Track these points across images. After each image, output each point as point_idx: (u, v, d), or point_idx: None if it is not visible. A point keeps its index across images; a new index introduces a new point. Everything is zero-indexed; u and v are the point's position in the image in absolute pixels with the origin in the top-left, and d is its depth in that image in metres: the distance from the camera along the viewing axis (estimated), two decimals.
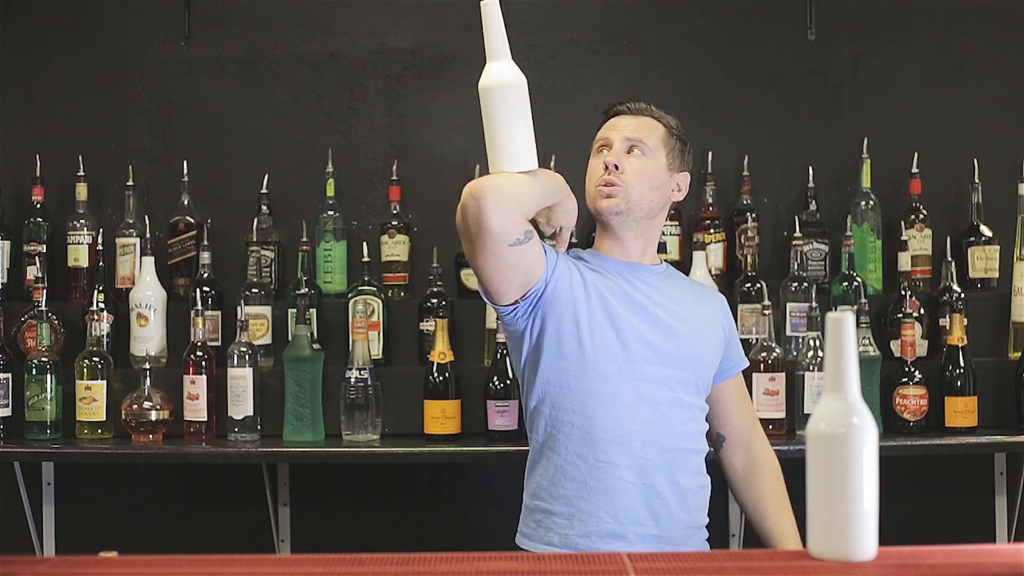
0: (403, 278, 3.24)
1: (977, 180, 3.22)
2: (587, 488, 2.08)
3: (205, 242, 3.19)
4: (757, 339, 3.00)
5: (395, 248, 3.23)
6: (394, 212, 3.26)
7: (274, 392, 3.01)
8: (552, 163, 3.19)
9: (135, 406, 2.97)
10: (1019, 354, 3.05)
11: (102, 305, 3.10)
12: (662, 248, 3.13)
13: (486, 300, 2.14)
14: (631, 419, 2.10)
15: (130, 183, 3.27)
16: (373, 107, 3.39)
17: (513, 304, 2.11)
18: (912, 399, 2.95)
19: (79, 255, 3.24)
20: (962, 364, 2.97)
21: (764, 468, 2.31)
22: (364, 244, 3.17)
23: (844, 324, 1.36)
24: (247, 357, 2.98)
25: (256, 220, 3.21)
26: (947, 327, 3.02)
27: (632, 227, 2.22)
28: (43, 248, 3.22)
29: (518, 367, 2.22)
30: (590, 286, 2.15)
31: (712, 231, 3.21)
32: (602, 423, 2.10)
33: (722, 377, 2.30)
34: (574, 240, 2.92)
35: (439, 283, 3.11)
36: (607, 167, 2.18)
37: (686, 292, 2.29)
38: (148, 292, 3.13)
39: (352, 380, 2.92)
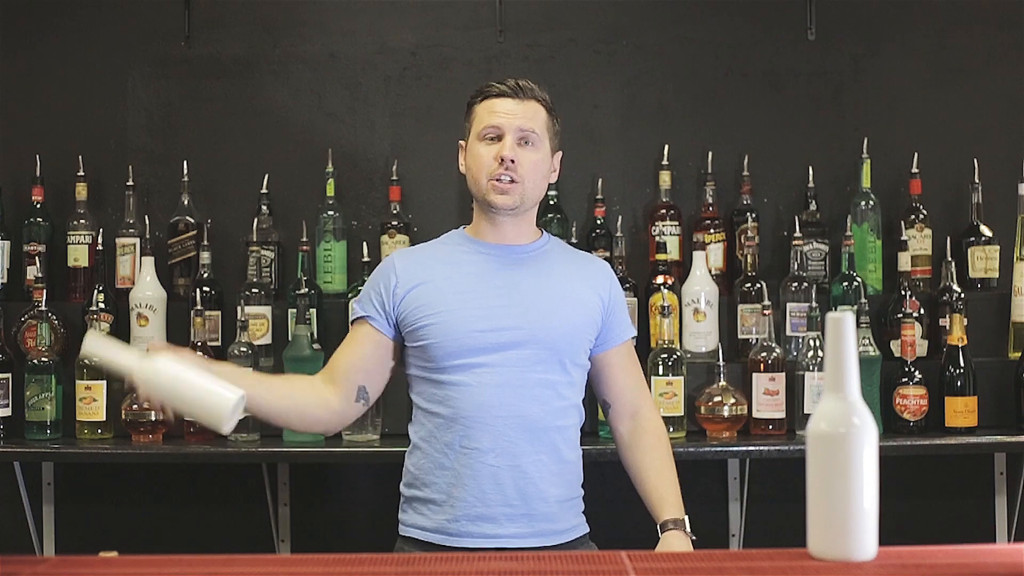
0: None
1: (977, 180, 3.22)
2: (456, 475, 2.12)
3: (205, 242, 3.19)
4: (757, 339, 3.01)
5: (395, 248, 3.23)
6: (394, 212, 3.26)
7: None
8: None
9: (135, 406, 2.96)
10: (1019, 354, 3.05)
11: (102, 305, 3.10)
12: (662, 248, 3.13)
13: None
14: (491, 404, 2.12)
15: (130, 183, 3.27)
16: (373, 107, 3.39)
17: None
18: (912, 399, 2.95)
19: (79, 255, 3.24)
20: (962, 364, 2.97)
21: (648, 434, 2.28)
22: (364, 244, 3.17)
23: (844, 324, 1.36)
24: (247, 357, 2.97)
25: (256, 220, 3.21)
26: (947, 327, 3.02)
27: (518, 216, 2.22)
28: (43, 248, 3.22)
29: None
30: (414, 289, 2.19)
31: (712, 231, 3.21)
32: (464, 411, 2.12)
33: (603, 348, 2.27)
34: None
35: None
36: (503, 161, 2.16)
37: (562, 267, 2.25)
38: (148, 292, 3.13)
39: None
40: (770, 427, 2.94)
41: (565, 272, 2.24)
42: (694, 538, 2.16)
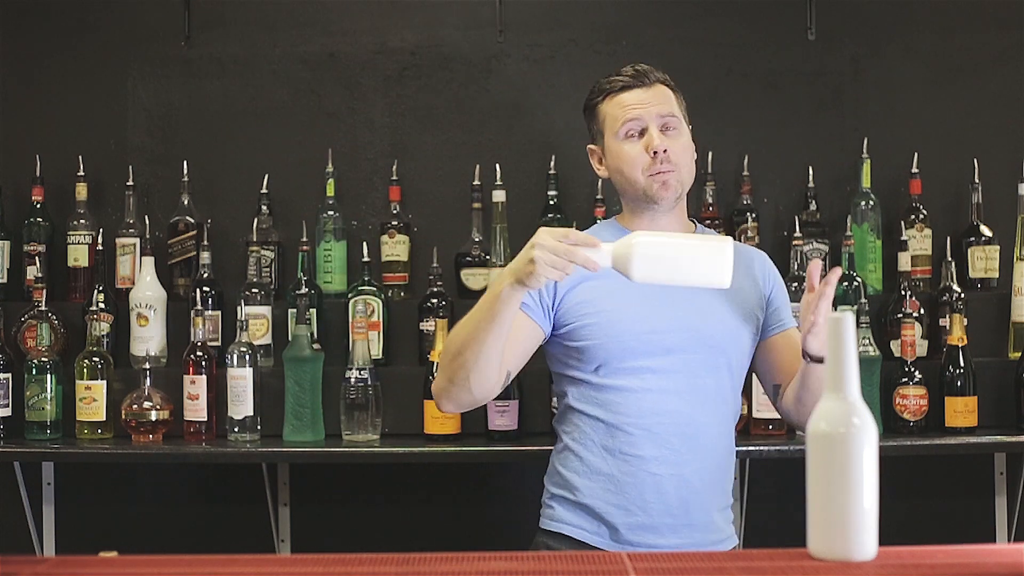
0: (403, 278, 3.24)
1: (977, 180, 3.22)
2: (616, 483, 2.05)
3: (205, 242, 3.19)
4: None
5: (395, 248, 3.23)
6: (394, 212, 3.26)
7: (274, 392, 3.01)
8: (552, 162, 3.19)
9: (135, 406, 2.97)
10: (1019, 354, 3.05)
11: (102, 305, 3.10)
12: None
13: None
14: (655, 411, 2.04)
15: (130, 183, 3.27)
16: (373, 107, 3.39)
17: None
18: (912, 399, 2.95)
19: (79, 255, 3.24)
20: (962, 364, 2.97)
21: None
22: (364, 244, 3.17)
23: (844, 324, 1.36)
24: (247, 357, 2.97)
25: (256, 220, 3.21)
26: (947, 327, 3.02)
27: (678, 204, 2.15)
28: (43, 248, 3.22)
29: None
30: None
31: (712, 231, 3.21)
32: (627, 417, 2.05)
33: (769, 334, 2.18)
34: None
35: (439, 283, 3.11)
36: (656, 154, 2.08)
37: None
38: (148, 292, 3.13)
39: (352, 380, 2.92)
40: (770, 427, 2.94)
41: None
42: None
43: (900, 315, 3.04)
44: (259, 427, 2.99)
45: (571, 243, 1.82)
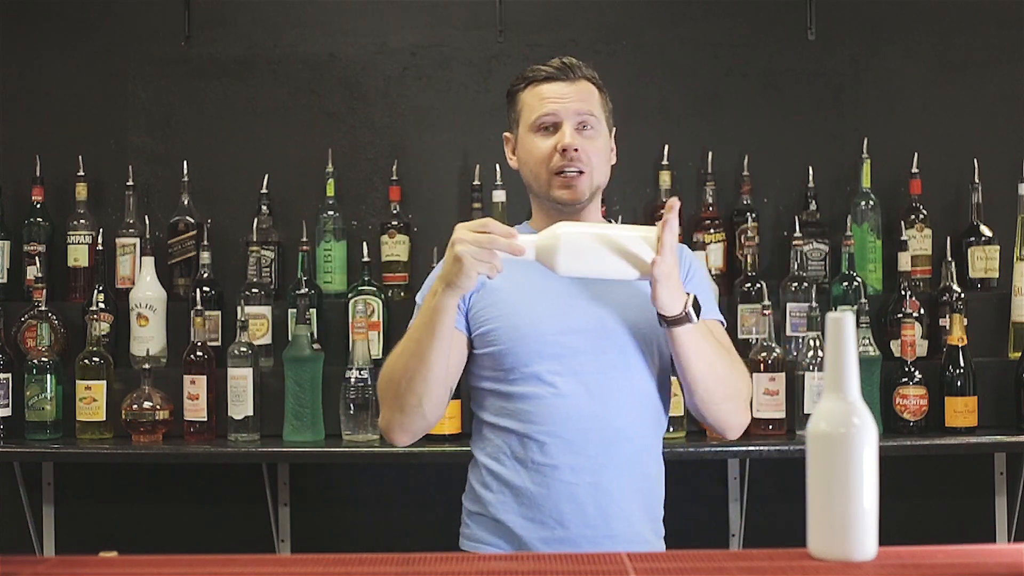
0: (403, 278, 3.24)
1: (977, 180, 3.22)
2: (529, 496, 1.93)
3: (205, 242, 3.19)
4: (757, 339, 3.01)
5: (395, 248, 3.23)
6: (394, 212, 3.26)
7: (274, 392, 3.01)
8: None
9: (135, 406, 2.97)
10: (1019, 354, 3.05)
11: (102, 305, 3.10)
12: None
13: None
14: (566, 416, 1.92)
15: (130, 183, 3.27)
16: (373, 107, 3.39)
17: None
18: (912, 399, 2.95)
19: (79, 255, 3.24)
20: (962, 364, 2.97)
21: None
22: (364, 244, 3.17)
23: (844, 324, 1.36)
24: (247, 357, 2.98)
25: (256, 220, 3.21)
26: (947, 327, 3.02)
27: (586, 207, 2.02)
28: (43, 248, 3.22)
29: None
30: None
31: (712, 231, 3.21)
32: (536, 425, 1.93)
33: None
34: None
35: None
36: (565, 152, 1.96)
37: None
38: (148, 292, 3.14)
39: (352, 380, 2.92)
40: (770, 427, 2.94)
41: None
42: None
43: (900, 315, 3.04)
44: (259, 427, 2.99)
45: (491, 232, 1.75)
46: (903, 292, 3.07)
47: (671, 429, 2.83)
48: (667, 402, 2.03)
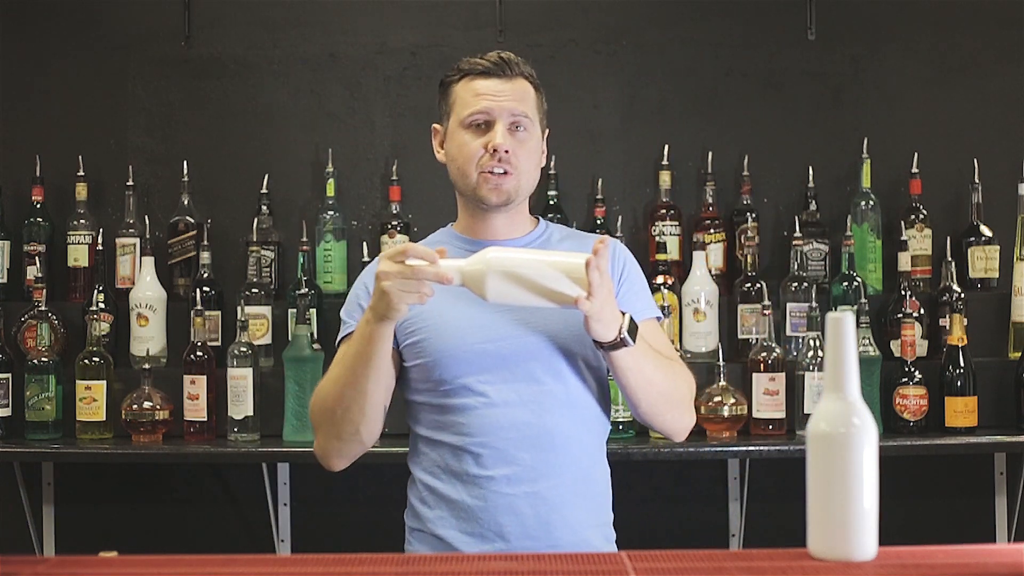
0: None
1: (977, 180, 3.22)
2: (467, 510, 1.89)
3: (205, 242, 3.19)
4: (757, 339, 3.01)
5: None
6: (394, 212, 3.26)
7: (274, 392, 3.01)
8: (553, 162, 3.19)
9: (135, 406, 2.97)
10: (1019, 354, 3.05)
11: (102, 305, 3.10)
12: (662, 248, 3.13)
13: None
14: (498, 425, 1.88)
15: (130, 183, 3.27)
16: (373, 107, 3.39)
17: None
18: (912, 399, 2.95)
19: (79, 255, 3.24)
20: (962, 364, 2.97)
21: None
22: (364, 244, 3.17)
23: (844, 324, 1.36)
24: (247, 357, 2.97)
25: (256, 220, 3.21)
26: (947, 327, 3.02)
27: (510, 210, 1.97)
28: (43, 248, 3.22)
29: None
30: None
31: (712, 231, 3.21)
32: (469, 436, 1.88)
33: None
34: None
35: None
36: (495, 152, 1.90)
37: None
38: (148, 292, 3.14)
39: None
40: (770, 427, 2.94)
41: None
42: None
43: (900, 315, 3.04)
44: (259, 427, 2.99)
45: (412, 263, 1.70)
46: (903, 292, 3.07)
47: None
48: (606, 404, 1.97)
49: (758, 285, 3.07)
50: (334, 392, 1.87)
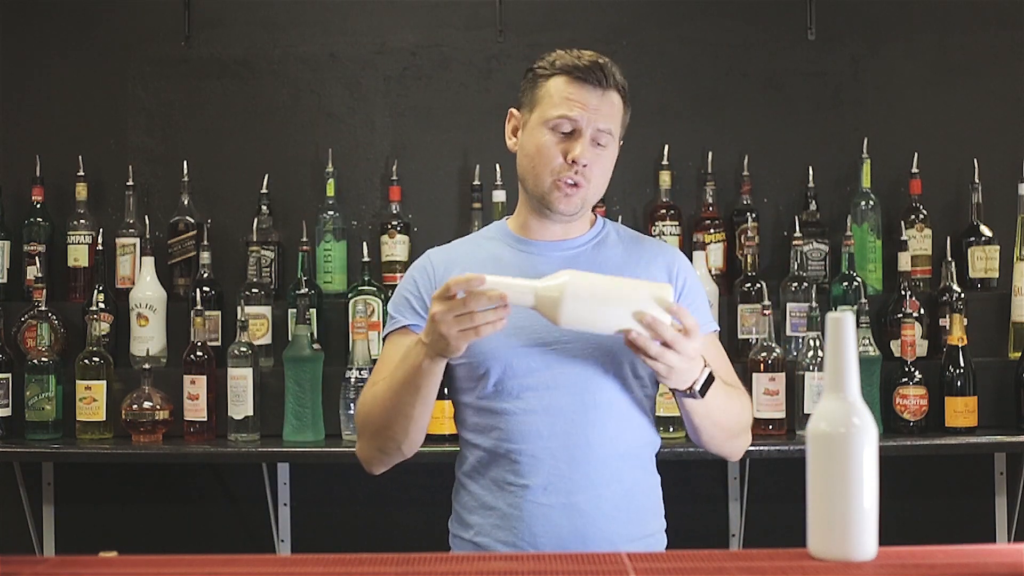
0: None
1: (977, 180, 3.22)
2: (503, 517, 1.86)
3: (205, 242, 3.19)
4: (757, 339, 3.01)
5: (395, 248, 3.23)
6: (394, 212, 3.26)
7: (274, 392, 3.01)
8: None
9: (135, 406, 2.97)
10: (1019, 354, 3.05)
11: (102, 305, 3.10)
12: None
13: None
14: (539, 433, 1.84)
15: (130, 183, 3.27)
16: (373, 107, 3.39)
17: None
18: (912, 399, 2.95)
19: (79, 255, 3.24)
20: (962, 364, 2.97)
21: None
22: (364, 244, 3.17)
23: (844, 324, 1.36)
24: (247, 357, 2.98)
25: (256, 220, 3.21)
26: (947, 327, 3.02)
27: (575, 219, 1.94)
28: (43, 248, 3.22)
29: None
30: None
31: (712, 231, 3.21)
32: (508, 442, 1.85)
33: None
34: None
35: None
36: (574, 163, 1.85)
37: (619, 258, 1.94)
38: (148, 292, 3.14)
39: (352, 380, 2.92)
40: (770, 427, 2.94)
41: (622, 263, 1.92)
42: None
43: (900, 315, 3.04)
44: (259, 427, 2.99)
45: (468, 309, 1.64)
46: (903, 292, 3.07)
47: (671, 429, 2.83)
48: (651, 414, 1.94)
49: (758, 285, 3.07)
50: (378, 412, 1.85)
